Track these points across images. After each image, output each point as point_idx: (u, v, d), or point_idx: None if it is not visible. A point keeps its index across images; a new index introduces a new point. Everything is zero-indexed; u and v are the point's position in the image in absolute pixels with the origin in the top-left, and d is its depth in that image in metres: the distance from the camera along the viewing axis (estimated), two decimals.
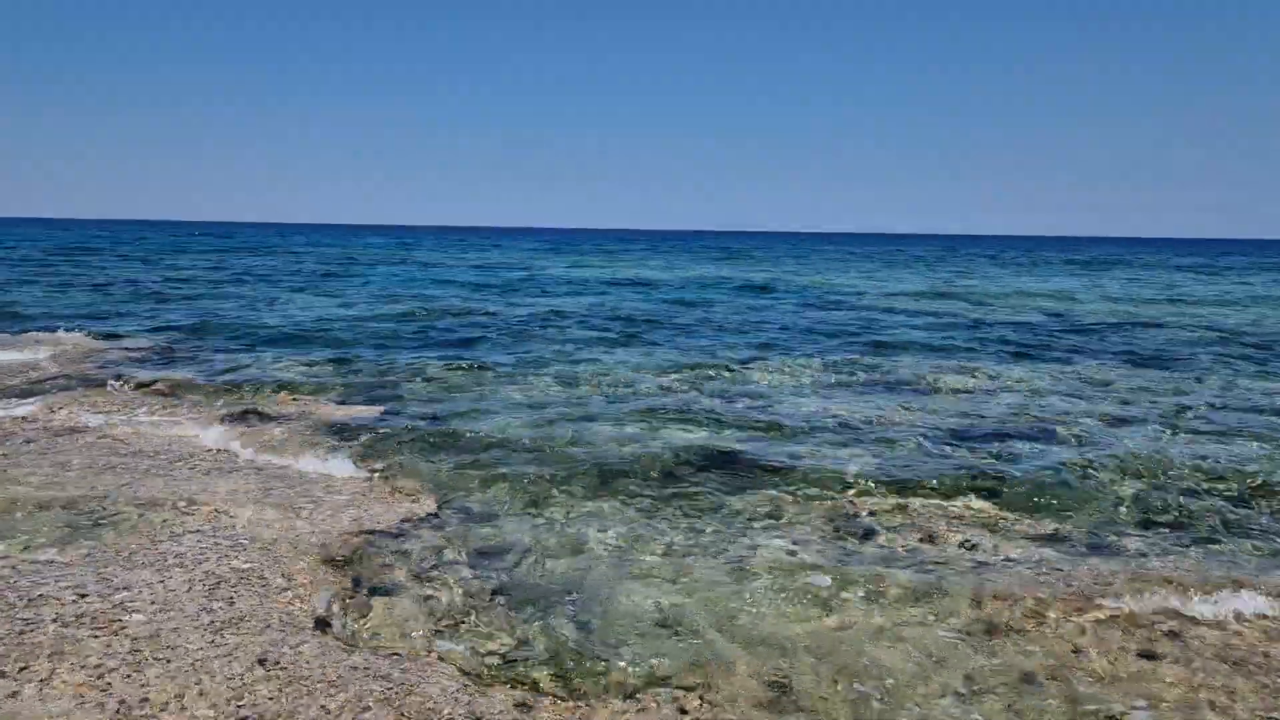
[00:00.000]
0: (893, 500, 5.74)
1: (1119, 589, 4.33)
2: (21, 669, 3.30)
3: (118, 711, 3.07)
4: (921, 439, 7.25)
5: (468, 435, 7.09)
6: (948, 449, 7.01)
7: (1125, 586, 4.35)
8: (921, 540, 5.09)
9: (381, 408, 8.26)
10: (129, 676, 3.29)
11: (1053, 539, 5.15)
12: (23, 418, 7.38)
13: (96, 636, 3.57)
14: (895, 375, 10.70)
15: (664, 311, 18.63)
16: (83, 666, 3.34)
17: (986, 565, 4.72)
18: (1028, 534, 5.23)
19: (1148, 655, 3.77)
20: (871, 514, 5.50)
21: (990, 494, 5.85)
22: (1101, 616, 4.09)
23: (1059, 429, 7.70)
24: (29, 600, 3.87)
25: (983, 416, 8.30)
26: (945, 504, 5.70)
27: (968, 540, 5.08)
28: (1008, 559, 4.82)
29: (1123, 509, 5.64)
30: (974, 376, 10.59)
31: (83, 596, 3.93)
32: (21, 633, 3.59)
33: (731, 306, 20.24)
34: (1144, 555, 4.87)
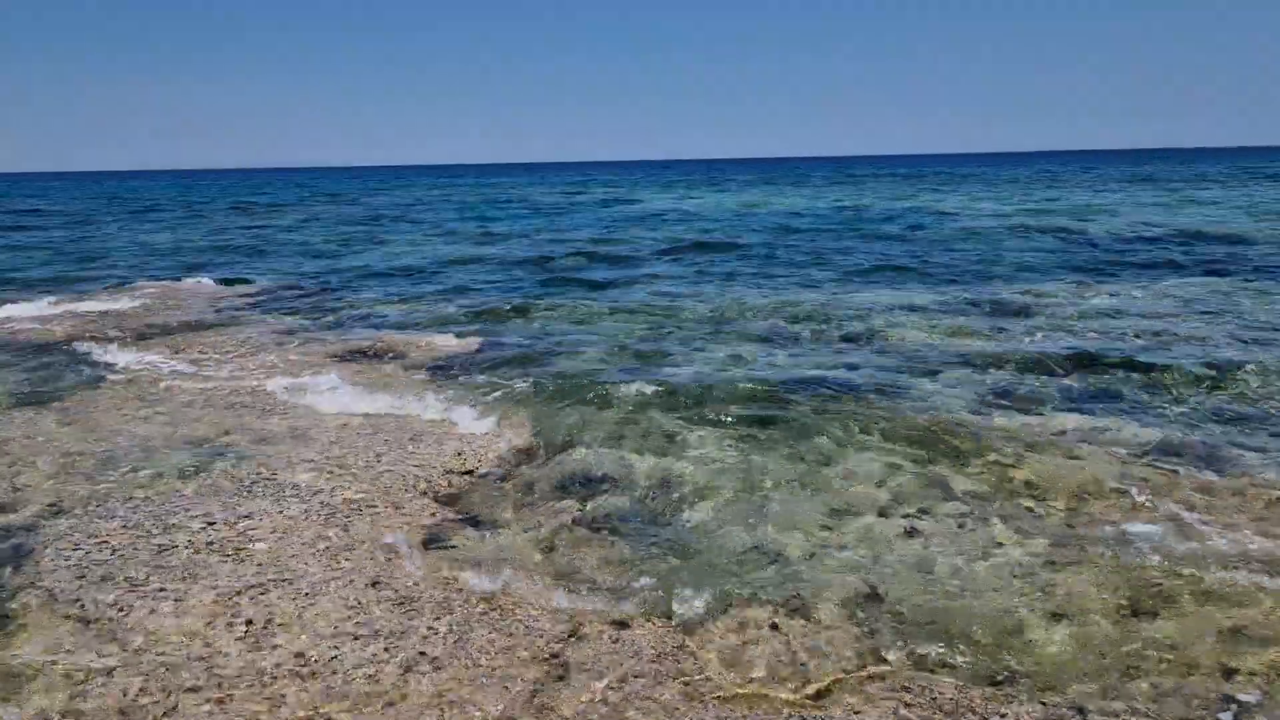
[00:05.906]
0: (994, 423, 5.59)
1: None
2: (159, 589, 3.57)
3: (245, 630, 3.29)
4: (1027, 360, 7.03)
5: (567, 369, 7.21)
6: (1053, 375, 6.76)
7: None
8: (1014, 464, 4.96)
9: (482, 340, 8.49)
10: (255, 598, 3.51)
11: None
12: (151, 363, 7.85)
13: (224, 561, 3.83)
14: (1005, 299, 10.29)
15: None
16: (213, 588, 3.58)
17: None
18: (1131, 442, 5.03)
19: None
20: (972, 435, 5.36)
21: (1089, 413, 5.66)
22: None
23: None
24: (165, 527, 4.17)
25: (1104, 337, 7.94)
26: (1044, 424, 5.54)
27: (1067, 452, 4.96)
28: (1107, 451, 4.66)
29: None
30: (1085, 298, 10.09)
31: (210, 524, 4.21)
32: (159, 554, 3.87)
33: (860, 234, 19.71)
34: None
